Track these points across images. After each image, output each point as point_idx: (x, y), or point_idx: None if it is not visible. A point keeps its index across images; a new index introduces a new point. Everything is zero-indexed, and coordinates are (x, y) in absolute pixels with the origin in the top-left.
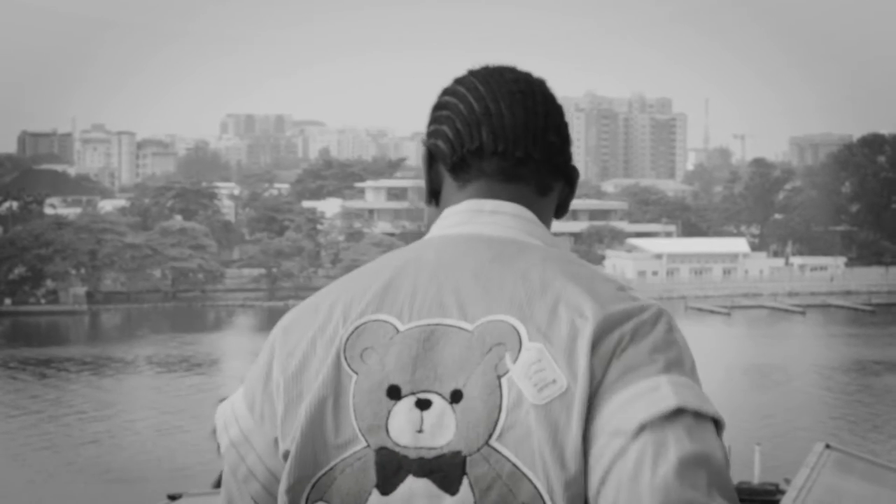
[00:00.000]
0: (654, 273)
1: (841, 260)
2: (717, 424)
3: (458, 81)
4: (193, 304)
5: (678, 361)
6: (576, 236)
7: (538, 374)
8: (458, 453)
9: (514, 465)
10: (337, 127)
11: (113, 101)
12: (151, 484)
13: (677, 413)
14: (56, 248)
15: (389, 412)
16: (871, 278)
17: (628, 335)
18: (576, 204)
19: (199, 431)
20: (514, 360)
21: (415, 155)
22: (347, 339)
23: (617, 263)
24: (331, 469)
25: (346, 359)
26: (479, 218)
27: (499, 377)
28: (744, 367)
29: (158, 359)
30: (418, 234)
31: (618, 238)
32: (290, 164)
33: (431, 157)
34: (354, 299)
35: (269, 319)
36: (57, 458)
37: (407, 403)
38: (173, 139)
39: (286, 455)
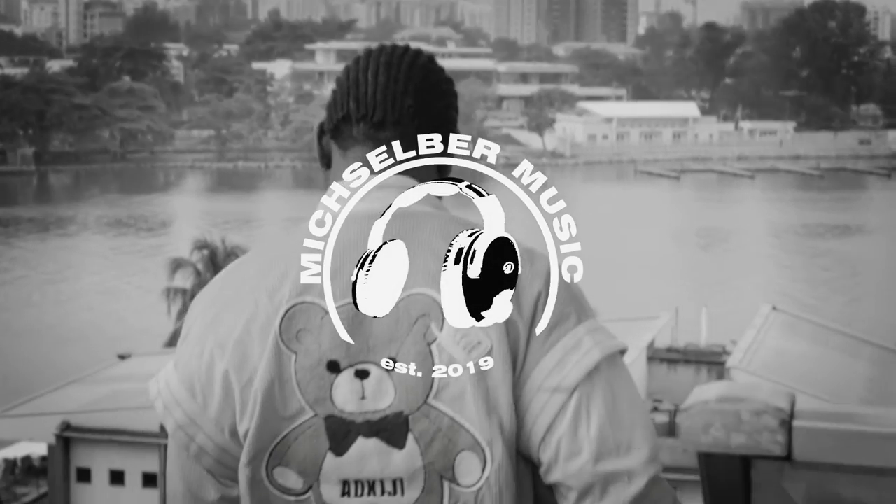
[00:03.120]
0: (605, 137)
1: (790, 125)
2: (622, 351)
3: (353, 61)
4: (142, 165)
5: (583, 308)
6: (526, 100)
7: (464, 338)
8: (400, 413)
9: (451, 418)
10: None
11: None
12: (100, 344)
13: (599, 364)
14: (3, 108)
15: (332, 384)
16: (819, 143)
17: (542, 297)
18: (526, 67)
19: (147, 292)
20: (440, 329)
21: (365, 17)
22: (281, 324)
23: (567, 127)
24: (283, 438)
25: (282, 341)
26: (371, 194)
27: (428, 344)
28: (692, 231)
29: (107, 220)
30: None
31: (568, 101)
32: (240, 26)
33: (321, 128)
34: (275, 284)
35: (219, 181)
36: (6, 317)
37: (347, 375)
38: None
39: (245, 433)
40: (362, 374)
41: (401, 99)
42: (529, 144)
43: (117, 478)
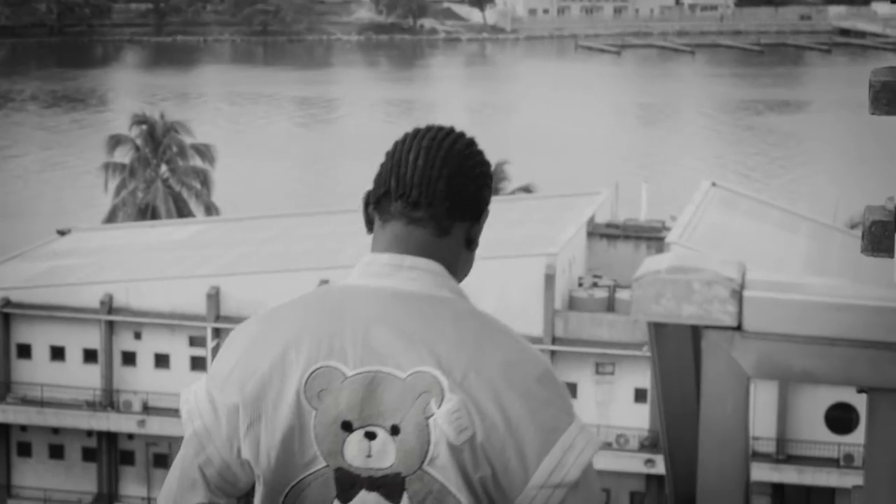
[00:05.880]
0: (545, 11)
1: (731, 0)
2: None
3: (400, 139)
4: (80, 39)
5: (568, 406)
6: None
7: (457, 420)
8: (398, 474)
9: (442, 484)
10: None
11: None
12: (39, 219)
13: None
14: None
15: (344, 441)
16: (760, 18)
17: (530, 398)
18: None
19: (85, 166)
20: (439, 406)
21: None
22: (306, 382)
23: (508, 1)
24: (299, 482)
25: (306, 398)
26: (399, 273)
27: (427, 419)
28: (632, 106)
29: (45, 94)
30: None
31: None
32: None
33: (368, 196)
34: (304, 343)
35: (157, 55)
36: None
37: (358, 435)
38: None
39: (247, 462)
40: (370, 436)
41: (435, 183)
42: (470, 19)
43: (58, 353)
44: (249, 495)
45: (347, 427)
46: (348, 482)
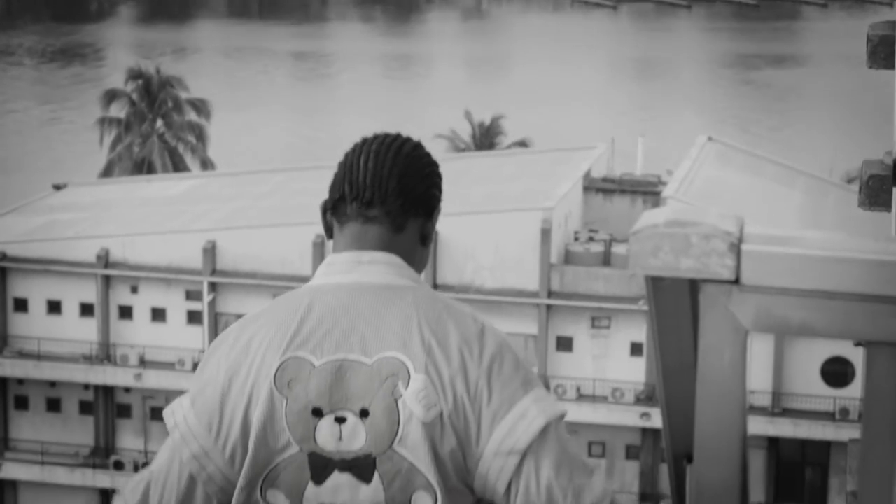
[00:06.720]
0: None
1: None
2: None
3: (350, 149)
4: None
5: (528, 379)
6: None
7: (425, 399)
8: (369, 455)
9: (410, 462)
10: None
11: None
12: (35, 174)
13: (545, 429)
14: None
15: (315, 427)
16: None
17: (491, 375)
18: None
19: (82, 121)
20: (406, 387)
21: None
22: (276, 373)
23: None
24: (275, 466)
25: (276, 388)
26: (359, 268)
27: (395, 400)
28: (629, 61)
29: (40, 48)
30: None
31: None
32: None
33: (324, 205)
34: (275, 339)
35: (153, 9)
36: None
37: (328, 420)
38: None
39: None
40: (340, 420)
41: (386, 182)
42: None
43: (54, 307)
44: None
45: (318, 413)
46: (321, 465)
